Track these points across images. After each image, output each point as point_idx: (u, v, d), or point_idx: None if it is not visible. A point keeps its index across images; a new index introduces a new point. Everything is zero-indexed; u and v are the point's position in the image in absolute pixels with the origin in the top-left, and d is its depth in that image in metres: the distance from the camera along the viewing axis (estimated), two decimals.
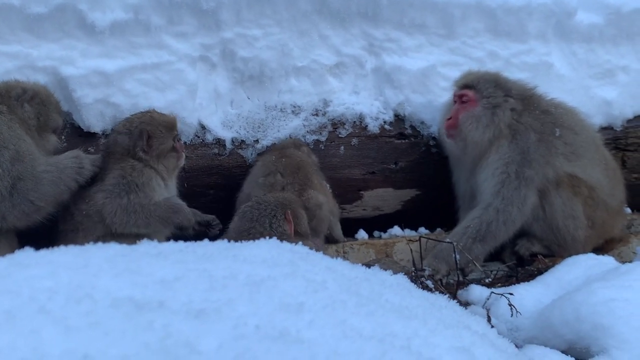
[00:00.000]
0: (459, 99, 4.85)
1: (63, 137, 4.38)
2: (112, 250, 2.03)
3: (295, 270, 1.96)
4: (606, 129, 5.61)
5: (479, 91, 4.79)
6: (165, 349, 1.48)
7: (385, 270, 2.40)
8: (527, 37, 5.60)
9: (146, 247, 2.11)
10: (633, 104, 5.76)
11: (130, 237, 3.83)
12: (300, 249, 2.27)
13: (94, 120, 4.44)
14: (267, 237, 2.28)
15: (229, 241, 2.34)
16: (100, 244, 2.19)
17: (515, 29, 5.56)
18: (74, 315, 1.57)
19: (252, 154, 4.84)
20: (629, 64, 5.82)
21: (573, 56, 5.71)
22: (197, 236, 3.68)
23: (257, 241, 2.27)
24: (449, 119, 4.84)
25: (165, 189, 4.17)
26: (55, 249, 2.02)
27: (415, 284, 2.96)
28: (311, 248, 2.32)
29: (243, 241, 2.33)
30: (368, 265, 2.66)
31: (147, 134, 4.06)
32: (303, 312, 1.74)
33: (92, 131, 4.45)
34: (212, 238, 2.79)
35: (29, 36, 4.42)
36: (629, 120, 5.77)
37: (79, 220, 3.91)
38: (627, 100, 5.72)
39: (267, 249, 2.15)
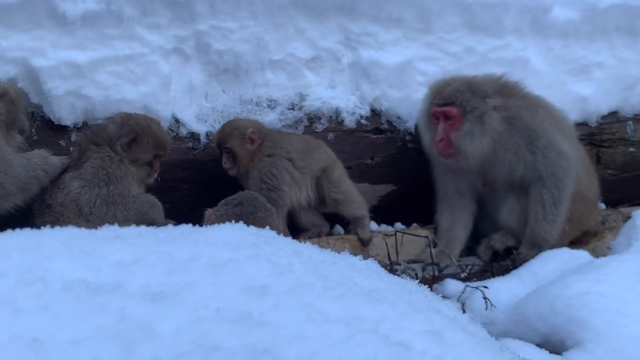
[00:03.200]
0: (442, 115, 4.77)
1: (34, 130, 4.30)
2: (68, 233, 1.98)
3: (259, 253, 1.92)
4: (581, 125, 5.64)
5: (461, 105, 4.71)
6: (120, 332, 1.43)
7: None
8: (503, 33, 5.59)
9: (104, 231, 2.05)
10: (608, 100, 5.79)
11: None
12: (266, 232, 2.22)
13: (65, 113, 4.36)
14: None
15: (193, 225, 2.30)
16: (57, 227, 2.12)
17: (491, 24, 5.55)
18: (23, 298, 1.51)
19: None
20: (605, 60, 5.84)
21: (549, 52, 5.72)
22: None
23: (221, 225, 2.22)
24: (440, 140, 4.75)
25: (137, 188, 4.13)
26: (8, 231, 1.96)
27: None
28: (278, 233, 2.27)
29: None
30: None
31: (135, 135, 4.05)
32: (267, 295, 1.69)
33: (63, 124, 4.37)
34: None
35: None
36: (603, 117, 5.81)
37: (57, 211, 3.84)
38: (602, 97, 5.75)
39: (232, 232, 2.10)
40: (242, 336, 1.50)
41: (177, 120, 4.72)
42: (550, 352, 3.70)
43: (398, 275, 4.36)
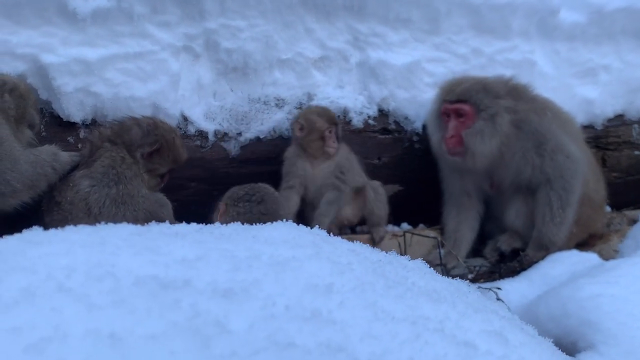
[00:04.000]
0: (454, 113, 4.79)
1: (42, 127, 4.25)
2: (127, 229, 1.95)
3: (319, 252, 1.90)
4: (587, 128, 5.67)
5: (474, 104, 4.72)
6: (195, 328, 1.41)
7: None
8: (510, 35, 5.61)
9: (161, 227, 2.03)
10: (614, 103, 5.83)
11: None
12: (319, 231, 2.21)
13: (74, 110, 4.31)
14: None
15: (242, 224, 2.27)
16: (112, 224, 2.10)
17: (499, 26, 5.57)
18: (96, 294, 1.49)
19: (234, 146, 4.76)
20: (611, 63, 5.88)
21: (556, 54, 5.75)
22: None
23: (274, 223, 2.21)
24: (451, 137, 4.76)
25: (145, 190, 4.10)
26: (67, 227, 1.92)
27: None
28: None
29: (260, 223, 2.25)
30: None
31: (159, 147, 4.01)
32: (332, 293, 1.68)
33: (72, 121, 4.32)
34: None
35: (7, 22, 4.27)
36: (609, 120, 5.84)
37: (67, 209, 3.79)
38: (608, 100, 5.79)
39: (287, 230, 2.09)
40: (314, 333, 1.49)
41: (185, 118, 4.69)
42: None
43: None
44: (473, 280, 4.69)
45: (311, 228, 2.30)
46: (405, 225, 5.25)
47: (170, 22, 4.66)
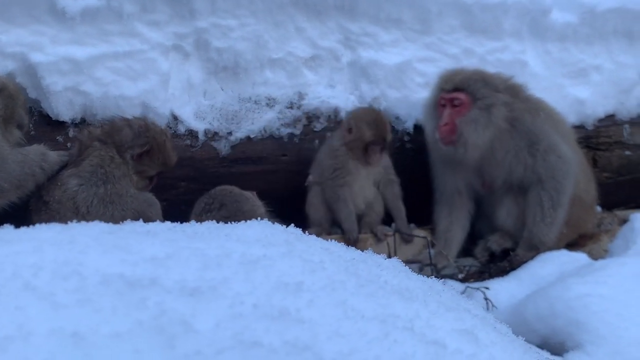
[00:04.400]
0: (450, 102, 4.78)
1: (31, 126, 4.24)
2: (98, 227, 1.95)
3: (291, 250, 1.90)
4: (578, 128, 5.66)
5: (471, 93, 4.74)
6: (160, 327, 1.41)
7: None
8: (502, 35, 5.62)
9: (133, 226, 2.03)
10: (605, 103, 5.83)
11: None
12: (294, 229, 2.21)
13: (63, 109, 4.30)
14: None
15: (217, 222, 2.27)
16: (84, 222, 2.09)
17: (490, 26, 5.57)
18: (62, 292, 1.49)
19: (225, 146, 4.75)
20: (602, 63, 5.88)
21: (547, 55, 5.75)
22: None
23: (248, 222, 2.20)
24: (445, 124, 4.76)
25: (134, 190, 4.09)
26: (37, 225, 1.92)
27: None
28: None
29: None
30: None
31: (149, 149, 3.98)
32: (302, 292, 1.68)
33: (61, 120, 4.31)
34: None
35: None
36: (600, 120, 5.84)
37: (54, 208, 3.77)
38: (599, 100, 5.79)
39: (261, 228, 2.08)
40: (281, 332, 1.49)
41: (175, 118, 4.68)
42: (551, 354, 3.72)
43: None
44: (463, 280, 4.70)
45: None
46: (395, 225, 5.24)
47: (160, 21, 4.66)
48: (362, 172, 4.87)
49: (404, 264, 2.25)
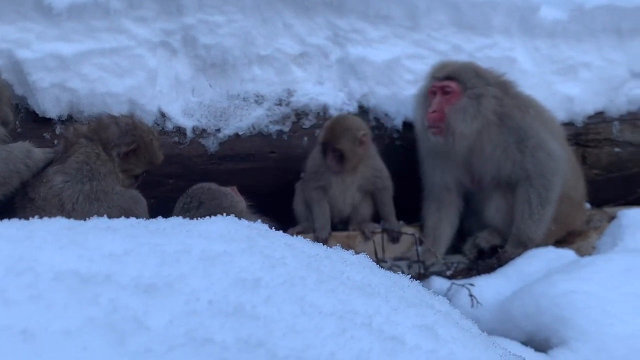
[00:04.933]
0: (441, 90, 4.79)
1: (17, 123, 4.23)
2: (58, 223, 1.94)
3: (252, 246, 1.90)
4: (567, 125, 5.66)
5: (462, 82, 4.76)
6: (111, 324, 1.40)
7: None
8: (491, 32, 5.61)
9: (95, 222, 2.02)
10: (594, 100, 5.82)
11: None
12: (259, 225, 2.20)
13: (50, 106, 4.30)
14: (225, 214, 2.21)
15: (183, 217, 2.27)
16: (46, 218, 2.09)
17: (479, 23, 5.57)
18: (13, 288, 1.48)
19: (213, 143, 4.75)
20: (592, 60, 5.87)
21: (536, 51, 5.75)
22: None
23: (213, 217, 2.20)
24: (434, 111, 4.75)
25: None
26: None
27: None
28: (271, 226, 2.26)
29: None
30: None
31: (135, 147, 3.94)
32: (259, 288, 1.67)
33: (48, 117, 4.31)
34: None
35: None
36: (590, 117, 5.83)
37: (40, 206, 3.76)
38: (588, 97, 5.78)
39: (224, 224, 2.08)
40: (234, 329, 1.48)
41: (163, 115, 4.68)
42: (536, 350, 3.73)
43: None
44: (451, 277, 4.70)
45: None
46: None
47: (147, 18, 4.65)
48: (339, 178, 4.84)
49: (371, 260, 2.25)
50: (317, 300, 1.69)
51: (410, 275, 4.46)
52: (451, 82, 4.76)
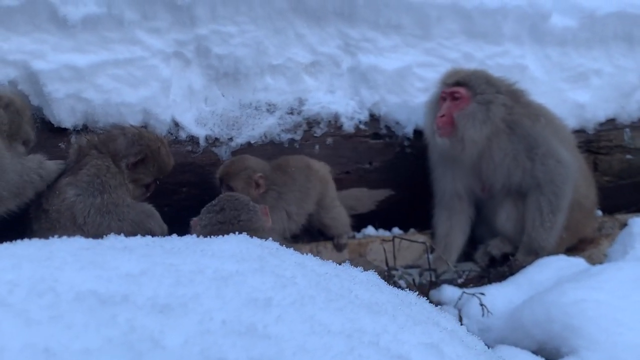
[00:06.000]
0: (450, 96, 4.82)
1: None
2: (77, 243, 1.99)
3: (264, 266, 1.94)
4: (579, 132, 5.67)
5: (472, 88, 4.79)
6: (129, 344, 1.45)
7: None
8: (502, 39, 5.63)
9: (112, 241, 2.07)
10: (605, 107, 5.83)
11: None
12: (270, 244, 2.24)
13: (65, 116, 4.35)
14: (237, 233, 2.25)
15: (197, 236, 2.31)
16: (65, 238, 2.14)
17: (490, 31, 5.59)
18: (36, 309, 1.53)
19: (225, 151, 4.79)
20: (602, 67, 5.87)
21: (547, 59, 5.76)
22: None
23: (226, 236, 2.24)
24: (442, 116, 4.79)
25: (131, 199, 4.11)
26: (19, 241, 1.97)
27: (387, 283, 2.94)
28: (281, 244, 2.30)
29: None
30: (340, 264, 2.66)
31: (143, 157, 4.00)
32: (271, 307, 1.71)
33: (63, 126, 4.36)
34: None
35: None
36: (601, 124, 5.84)
37: (54, 218, 3.81)
38: (599, 104, 5.79)
39: (236, 243, 2.12)
40: (247, 348, 1.52)
41: (176, 124, 4.72)
42: (546, 359, 3.73)
43: (395, 281, 4.42)
44: (462, 285, 4.71)
45: None
46: (396, 230, 5.28)
47: (160, 28, 4.70)
48: None
49: (379, 277, 2.28)
50: (326, 319, 1.72)
51: (421, 283, 4.56)
52: (460, 88, 4.79)
